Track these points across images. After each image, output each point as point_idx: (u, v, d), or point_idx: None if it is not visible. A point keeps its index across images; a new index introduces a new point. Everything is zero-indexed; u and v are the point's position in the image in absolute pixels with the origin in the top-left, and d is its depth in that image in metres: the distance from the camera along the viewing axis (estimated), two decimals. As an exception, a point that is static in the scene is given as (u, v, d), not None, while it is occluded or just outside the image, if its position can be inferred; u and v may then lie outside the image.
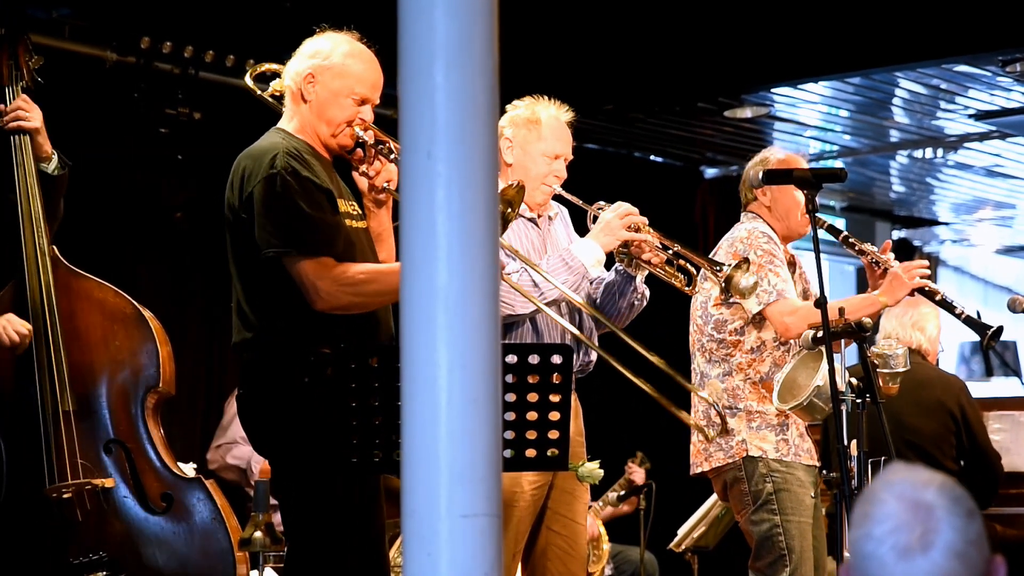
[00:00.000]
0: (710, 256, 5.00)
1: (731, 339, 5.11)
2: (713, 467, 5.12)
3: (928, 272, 5.14)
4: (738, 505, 5.12)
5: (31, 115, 4.68)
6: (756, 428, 5.04)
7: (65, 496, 4.50)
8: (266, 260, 3.95)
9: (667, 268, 4.74)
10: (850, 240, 5.22)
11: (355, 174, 4.19)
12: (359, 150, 4.17)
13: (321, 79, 4.12)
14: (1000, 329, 5.20)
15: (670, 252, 4.73)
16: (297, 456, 3.92)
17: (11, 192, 4.70)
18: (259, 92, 4.36)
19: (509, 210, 4.08)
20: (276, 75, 4.31)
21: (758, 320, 5.08)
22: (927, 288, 5.14)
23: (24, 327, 4.53)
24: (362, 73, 4.13)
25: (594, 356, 4.75)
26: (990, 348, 5.16)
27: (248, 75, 4.40)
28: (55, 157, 4.73)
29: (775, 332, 5.06)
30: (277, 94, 4.29)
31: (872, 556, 2.03)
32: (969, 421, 5.99)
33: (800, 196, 5.16)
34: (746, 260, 4.74)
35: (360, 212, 4.19)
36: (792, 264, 5.28)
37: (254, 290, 4.03)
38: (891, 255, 5.25)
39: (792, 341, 5.02)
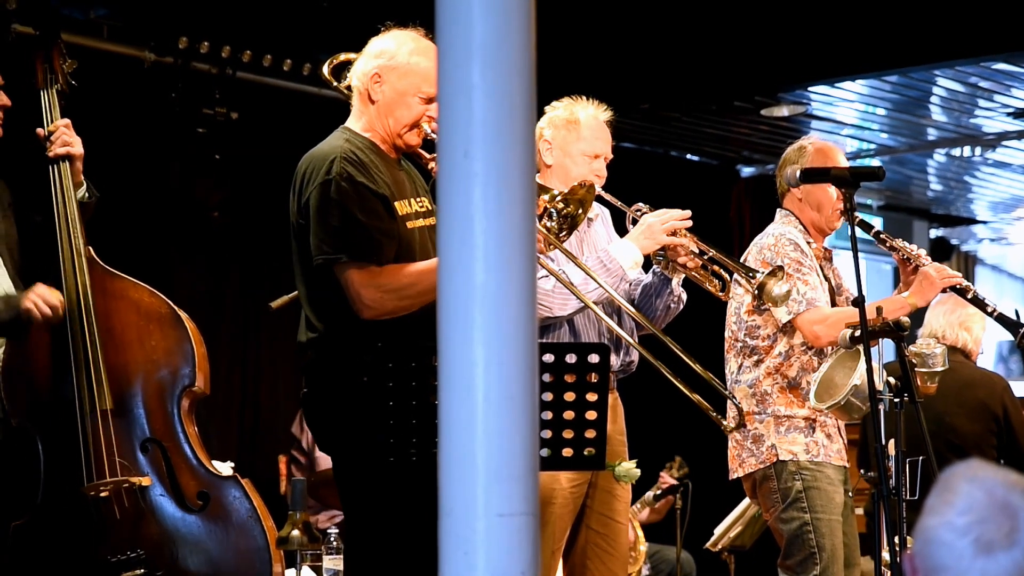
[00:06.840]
0: (741, 260, 4.98)
1: (763, 345, 5.09)
2: (747, 472, 5.11)
3: (959, 276, 5.11)
4: (767, 503, 5.10)
5: (75, 141, 4.66)
6: (784, 432, 5.02)
7: (103, 494, 4.52)
8: (318, 267, 3.93)
9: (702, 272, 4.73)
10: (881, 236, 5.16)
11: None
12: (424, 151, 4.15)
13: (387, 79, 4.07)
14: None
15: (705, 257, 4.72)
16: (356, 453, 3.92)
17: (38, 214, 4.68)
18: (334, 84, 4.32)
19: (580, 211, 4.04)
20: (350, 64, 4.24)
21: (789, 327, 5.05)
22: (959, 286, 5.09)
23: (55, 297, 4.51)
24: (428, 71, 4.03)
25: (636, 356, 4.73)
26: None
27: (326, 66, 4.35)
28: (84, 185, 4.72)
29: (805, 340, 5.04)
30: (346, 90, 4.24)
31: (950, 546, 2.03)
32: (1011, 421, 5.97)
33: (833, 192, 5.13)
34: (780, 268, 4.74)
35: (430, 208, 4.13)
36: (826, 259, 5.25)
37: (315, 293, 4.01)
38: (924, 251, 5.22)
39: (827, 349, 4.98)
